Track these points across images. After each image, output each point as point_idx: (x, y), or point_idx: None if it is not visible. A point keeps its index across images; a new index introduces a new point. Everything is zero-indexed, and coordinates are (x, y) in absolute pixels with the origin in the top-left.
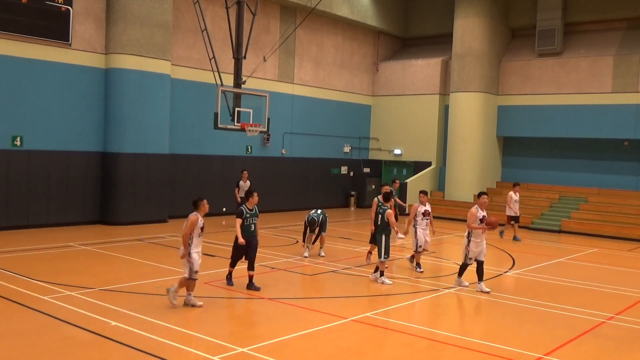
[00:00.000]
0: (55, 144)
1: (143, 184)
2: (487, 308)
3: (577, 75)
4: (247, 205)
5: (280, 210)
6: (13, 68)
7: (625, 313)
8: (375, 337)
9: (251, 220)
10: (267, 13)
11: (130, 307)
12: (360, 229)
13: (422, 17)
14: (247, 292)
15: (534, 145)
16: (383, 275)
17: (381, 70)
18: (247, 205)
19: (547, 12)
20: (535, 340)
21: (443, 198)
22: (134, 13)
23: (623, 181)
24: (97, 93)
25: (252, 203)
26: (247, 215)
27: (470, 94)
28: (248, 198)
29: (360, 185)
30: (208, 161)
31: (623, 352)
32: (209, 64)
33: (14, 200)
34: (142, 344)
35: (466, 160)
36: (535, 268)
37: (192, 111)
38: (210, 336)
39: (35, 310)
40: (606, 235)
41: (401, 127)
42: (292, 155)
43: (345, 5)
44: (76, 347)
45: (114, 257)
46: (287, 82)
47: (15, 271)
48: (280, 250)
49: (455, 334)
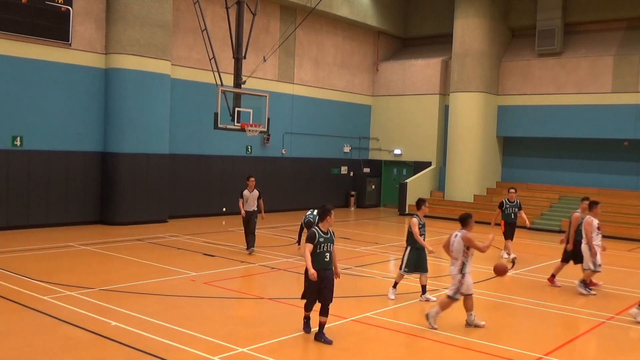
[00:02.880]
0: (55, 144)
1: (143, 184)
2: (487, 308)
3: (577, 75)
4: (320, 227)
5: (280, 210)
6: (13, 68)
7: (625, 313)
8: (375, 337)
9: (326, 247)
10: (267, 13)
11: (130, 307)
12: (360, 229)
13: (422, 17)
14: (247, 292)
15: (534, 145)
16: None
17: (381, 70)
18: (320, 227)
19: (547, 12)
20: (535, 340)
21: (443, 198)
22: (134, 13)
23: (623, 181)
24: (97, 93)
25: (327, 225)
26: (321, 240)
27: (470, 94)
28: (324, 218)
29: (360, 185)
30: (208, 161)
31: (623, 352)
32: (209, 64)
33: (14, 200)
34: (142, 344)
35: (466, 160)
36: (535, 268)
37: (192, 111)
38: (210, 336)
39: (35, 310)
40: (606, 235)
41: (401, 127)
42: (292, 155)
43: (345, 5)
44: (76, 347)
45: (114, 257)
46: (287, 82)
47: (15, 271)
48: (280, 250)
49: (455, 334)
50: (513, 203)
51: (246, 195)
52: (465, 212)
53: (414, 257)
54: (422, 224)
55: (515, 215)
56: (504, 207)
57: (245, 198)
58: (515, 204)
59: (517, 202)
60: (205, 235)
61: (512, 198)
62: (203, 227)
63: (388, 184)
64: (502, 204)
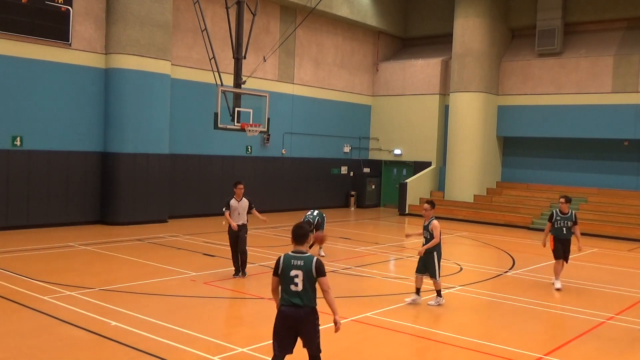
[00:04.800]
0: (55, 144)
1: (143, 184)
2: (487, 308)
3: (577, 75)
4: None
5: (280, 210)
6: (13, 68)
7: (625, 313)
8: (375, 337)
9: (296, 276)
10: (267, 13)
11: (130, 307)
12: (360, 229)
13: (422, 17)
14: (247, 292)
15: (534, 145)
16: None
17: (381, 70)
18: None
19: (547, 12)
20: (535, 340)
21: (443, 198)
22: (134, 13)
23: (623, 181)
24: (97, 93)
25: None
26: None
27: (470, 94)
28: (303, 239)
29: (360, 185)
30: (208, 161)
31: (623, 352)
32: (209, 64)
33: (14, 200)
34: (142, 344)
35: (466, 160)
36: (535, 268)
37: (192, 111)
38: (210, 336)
39: (35, 310)
40: (606, 235)
41: (401, 127)
42: (292, 155)
43: (345, 5)
44: (76, 347)
45: (114, 257)
46: (287, 82)
47: (15, 271)
48: (280, 251)
49: (455, 334)
50: (566, 215)
51: (234, 205)
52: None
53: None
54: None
55: (568, 231)
56: (554, 219)
57: (233, 208)
58: (568, 217)
59: (571, 214)
60: (205, 235)
61: (564, 209)
62: (203, 227)
63: (388, 184)
64: (552, 217)
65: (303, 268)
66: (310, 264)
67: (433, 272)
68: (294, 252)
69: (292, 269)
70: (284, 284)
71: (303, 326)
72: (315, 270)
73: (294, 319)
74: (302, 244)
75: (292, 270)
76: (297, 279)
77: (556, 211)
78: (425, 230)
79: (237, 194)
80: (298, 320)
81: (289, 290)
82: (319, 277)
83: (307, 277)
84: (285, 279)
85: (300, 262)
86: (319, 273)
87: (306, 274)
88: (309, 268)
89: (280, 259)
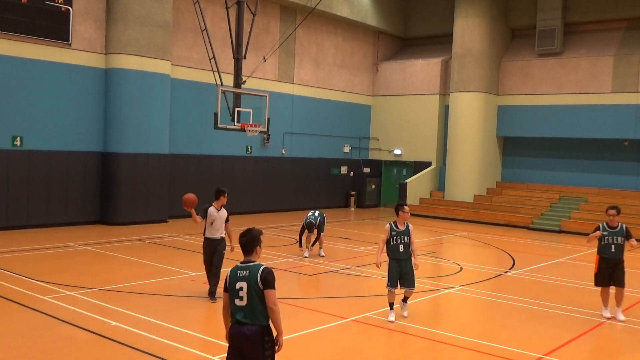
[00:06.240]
0: (55, 144)
1: (143, 184)
2: (487, 308)
3: (577, 75)
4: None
5: (280, 210)
6: (13, 68)
7: (625, 313)
8: (375, 337)
9: (242, 290)
10: (267, 13)
11: (130, 307)
12: (360, 229)
13: (422, 17)
14: None
15: (534, 145)
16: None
17: (381, 70)
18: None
19: (547, 12)
20: (535, 340)
21: (443, 198)
22: (134, 13)
23: (623, 181)
24: (97, 93)
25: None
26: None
27: (470, 94)
28: (253, 248)
29: (360, 185)
30: (208, 161)
31: (623, 352)
32: (209, 64)
33: (14, 200)
34: (142, 344)
35: (466, 160)
36: (535, 268)
37: (192, 111)
38: (210, 336)
39: (35, 310)
40: None
41: (401, 127)
42: (292, 155)
43: (345, 5)
44: (76, 347)
45: (114, 257)
46: (287, 82)
47: (15, 271)
48: (280, 250)
49: (455, 334)
50: (615, 229)
51: (212, 213)
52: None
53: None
54: (396, 231)
55: (619, 249)
56: (601, 236)
57: (211, 218)
58: (617, 231)
59: (621, 228)
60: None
61: (613, 222)
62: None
63: (388, 184)
64: (597, 230)
65: (248, 279)
66: (256, 274)
67: (413, 280)
68: (242, 263)
69: (237, 281)
70: (231, 299)
71: (248, 348)
72: (262, 282)
73: (237, 338)
74: (251, 251)
75: (237, 282)
76: (241, 292)
77: (603, 225)
78: (404, 236)
79: (219, 203)
80: (242, 340)
81: (234, 305)
82: (266, 290)
83: (252, 289)
84: (232, 293)
85: (246, 273)
86: (265, 284)
87: (251, 286)
88: (255, 279)
89: (229, 271)
